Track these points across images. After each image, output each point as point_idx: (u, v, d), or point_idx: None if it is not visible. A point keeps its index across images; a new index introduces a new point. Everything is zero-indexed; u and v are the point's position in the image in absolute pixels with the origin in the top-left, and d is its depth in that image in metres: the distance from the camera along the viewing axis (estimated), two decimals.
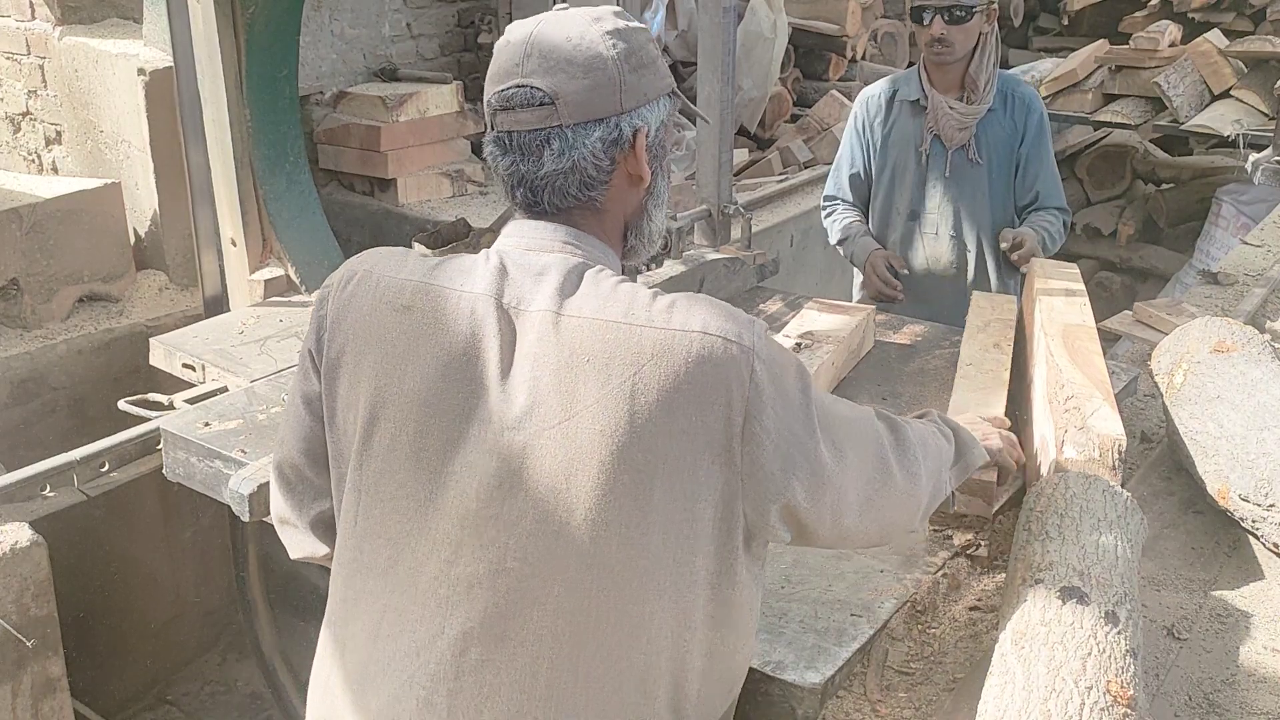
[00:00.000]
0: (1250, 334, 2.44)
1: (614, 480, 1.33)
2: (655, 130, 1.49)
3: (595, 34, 1.44)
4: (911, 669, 1.81)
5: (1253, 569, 2.08)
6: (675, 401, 1.32)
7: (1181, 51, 6.25)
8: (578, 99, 1.41)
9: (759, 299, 3.30)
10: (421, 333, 1.41)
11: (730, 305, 1.40)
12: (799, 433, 1.38)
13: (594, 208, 1.48)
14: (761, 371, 1.35)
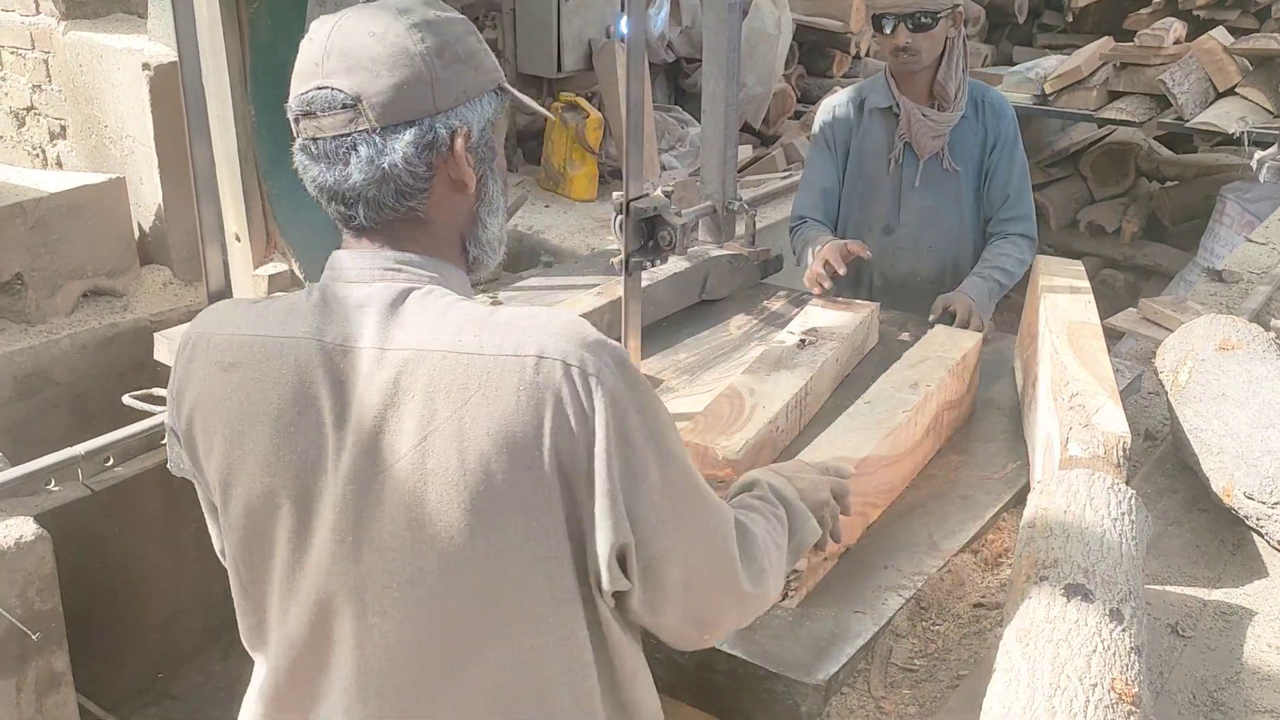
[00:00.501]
0: (1255, 331, 2.43)
1: (454, 523, 1.24)
2: (480, 130, 1.36)
3: (400, 27, 1.30)
4: (915, 666, 1.81)
5: (1257, 567, 2.08)
6: (507, 434, 1.21)
7: (1186, 49, 6.23)
8: (384, 100, 1.28)
9: (762, 295, 3.30)
10: (251, 391, 1.31)
11: (586, 326, 1.28)
12: (635, 474, 1.25)
13: (416, 219, 1.34)
14: (603, 402, 1.22)
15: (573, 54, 5.61)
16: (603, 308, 2.88)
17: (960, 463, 2.37)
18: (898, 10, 3.02)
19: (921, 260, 3.31)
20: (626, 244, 2.39)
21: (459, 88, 1.33)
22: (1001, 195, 3.23)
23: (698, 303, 3.20)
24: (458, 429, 1.22)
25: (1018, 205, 3.24)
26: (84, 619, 2.80)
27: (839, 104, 3.32)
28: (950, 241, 3.29)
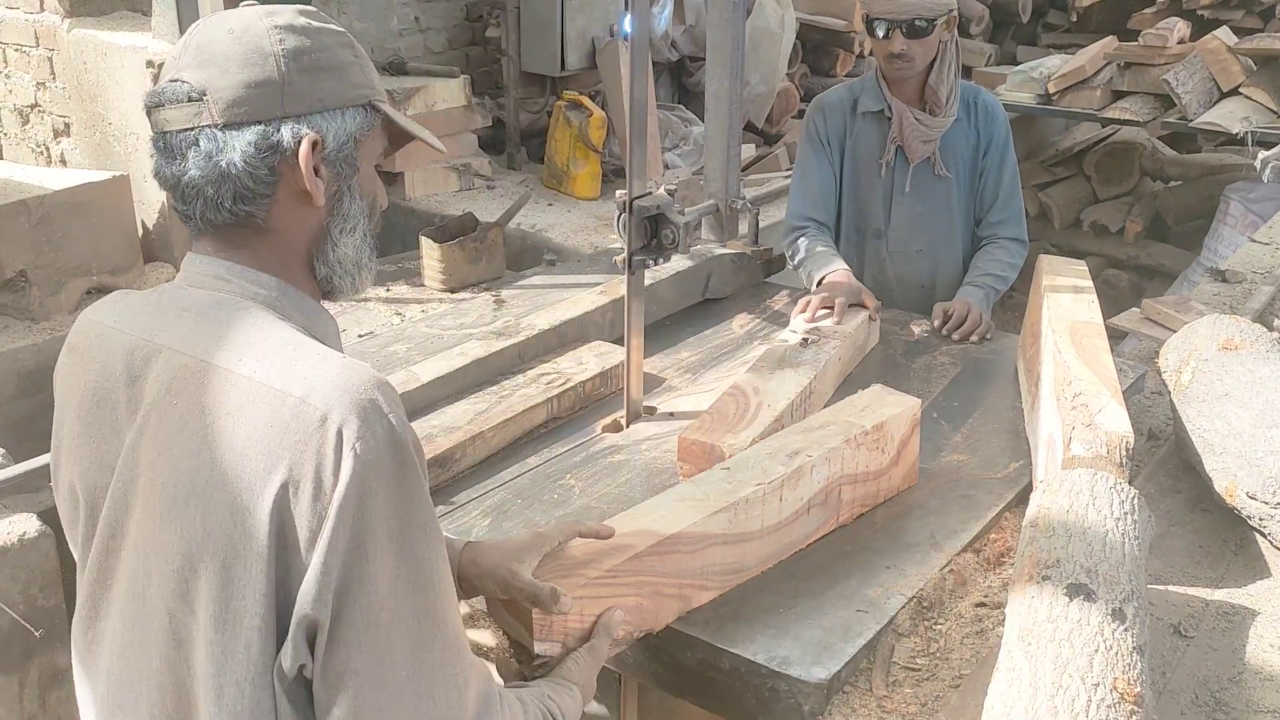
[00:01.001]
0: (1258, 332, 2.43)
1: (174, 548, 1.18)
2: (339, 143, 1.30)
3: (261, 28, 1.27)
4: (918, 665, 1.81)
5: (1260, 567, 2.08)
6: (239, 469, 1.14)
7: (1190, 48, 6.23)
8: (229, 96, 1.24)
9: (765, 294, 3.30)
10: (74, 376, 1.32)
11: (379, 390, 1.17)
12: (361, 571, 1.14)
13: (255, 226, 1.29)
14: (350, 475, 1.12)
15: (576, 52, 5.62)
16: (605, 306, 2.88)
17: (962, 462, 2.37)
18: (892, 16, 2.97)
19: (911, 264, 3.29)
20: (629, 242, 2.39)
21: (315, 95, 1.28)
22: (992, 197, 3.22)
23: (700, 301, 3.20)
24: (197, 448, 1.17)
25: (1006, 207, 3.22)
26: None
27: (831, 103, 3.27)
28: (940, 246, 3.27)
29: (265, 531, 1.13)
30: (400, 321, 3.45)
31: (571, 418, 2.54)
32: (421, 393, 2.43)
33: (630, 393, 2.49)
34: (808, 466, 1.96)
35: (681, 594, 1.79)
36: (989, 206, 3.23)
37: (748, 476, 1.91)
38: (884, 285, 3.29)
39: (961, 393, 2.69)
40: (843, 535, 2.09)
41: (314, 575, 1.13)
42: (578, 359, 2.69)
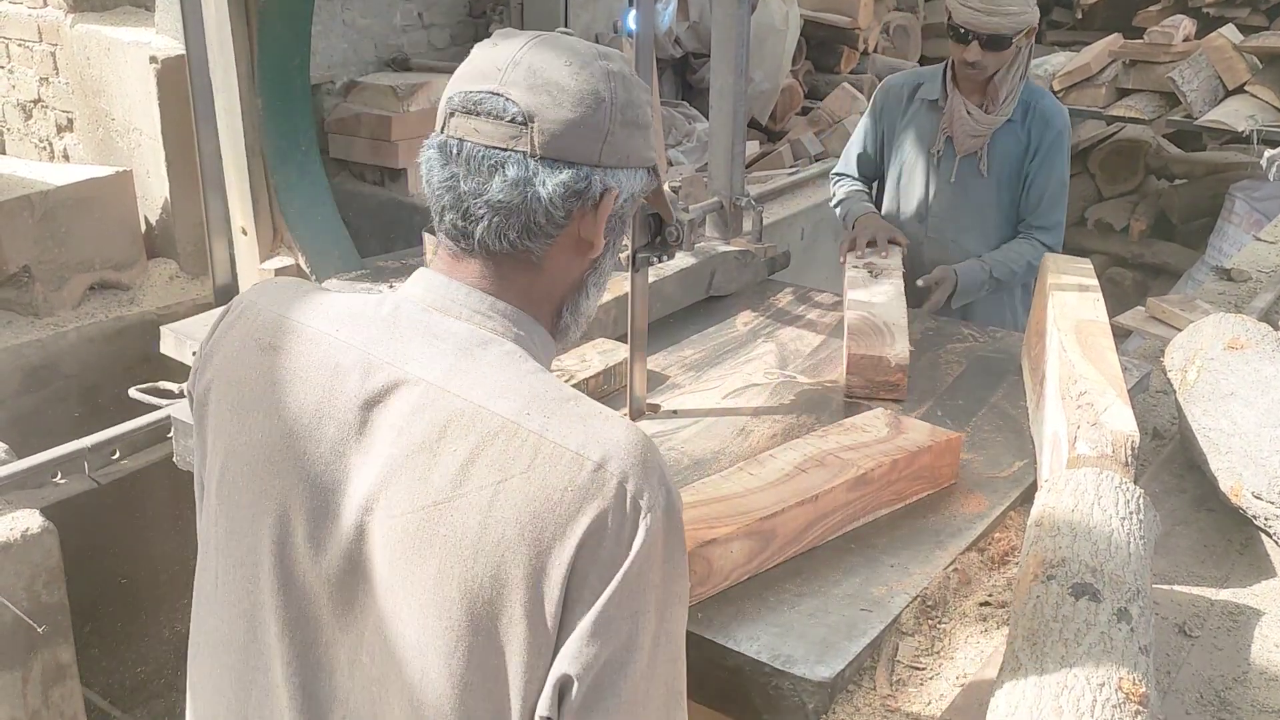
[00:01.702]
0: (1264, 331, 2.43)
1: (451, 600, 1.14)
2: (624, 200, 1.29)
3: (599, 69, 1.24)
4: (922, 664, 1.80)
5: (1265, 567, 2.08)
6: (536, 528, 1.11)
7: (1196, 46, 6.22)
8: (556, 130, 1.21)
9: (769, 292, 3.29)
10: (279, 379, 1.24)
11: (657, 454, 1.17)
12: (629, 637, 1.13)
13: (529, 261, 1.26)
14: (643, 540, 1.11)
15: None
16: (609, 303, 2.88)
17: (968, 461, 2.36)
18: (974, 28, 3.04)
19: (947, 252, 3.36)
20: (633, 240, 2.39)
21: (625, 150, 1.27)
22: (1034, 203, 3.27)
23: (704, 299, 3.19)
24: (488, 503, 1.13)
25: (1048, 214, 3.28)
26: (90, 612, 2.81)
27: (895, 85, 3.42)
28: (977, 241, 3.34)
29: (558, 595, 1.11)
30: None
31: None
32: None
33: (633, 390, 2.48)
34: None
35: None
36: (1030, 211, 3.29)
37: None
38: (918, 268, 3.35)
39: (966, 391, 2.68)
40: (846, 533, 2.08)
41: (582, 636, 1.12)
42: (581, 356, 2.68)
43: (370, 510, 1.18)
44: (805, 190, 5.41)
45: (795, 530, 1.97)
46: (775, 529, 1.93)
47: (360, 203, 5.09)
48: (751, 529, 1.89)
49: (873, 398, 2.60)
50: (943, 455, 2.22)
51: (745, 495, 1.97)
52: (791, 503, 1.95)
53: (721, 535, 1.84)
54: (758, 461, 2.10)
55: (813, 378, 2.74)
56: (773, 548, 1.94)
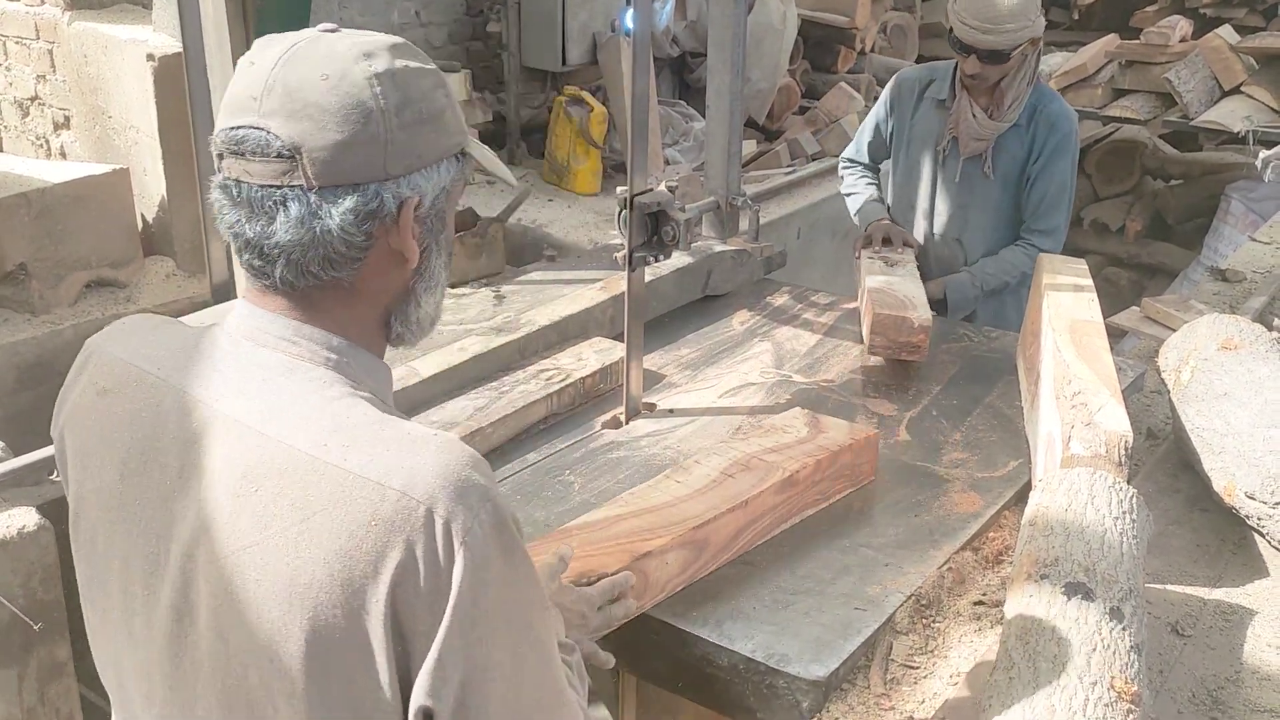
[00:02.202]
0: (1258, 331, 2.43)
1: (274, 644, 1.09)
2: (432, 200, 1.20)
3: (359, 76, 1.13)
4: (916, 663, 1.81)
5: (1258, 566, 2.08)
6: (344, 568, 1.06)
7: (1192, 47, 6.22)
8: (327, 157, 1.12)
9: (766, 291, 3.30)
10: (112, 423, 1.19)
11: (474, 469, 1.10)
12: (485, 660, 1.09)
13: (340, 288, 1.18)
14: (464, 569, 1.06)
15: (577, 47, 5.61)
16: (605, 302, 2.88)
17: (962, 460, 2.37)
18: (976, 45, 3.06)
19: (948, 249, 3.41)
20: (630, 239, 2.39)
21: (416, 152, 1.17)
22: (1034, 205, 3.28)
23: (701, 298, 3.20)
24: (294, 544, 1.07)
25: (1047, 218, 3.28)
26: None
27: (907, 79, 3.45)
28: (980, 240, 3.37)
29: (383, 630, 1.07)
30: None
31: (571, 414, 2.54)
32: (421, 388, 2.43)
33: (630, 389, 2.49)
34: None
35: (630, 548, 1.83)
36: (1030, 213, 3.30)
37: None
38: (922, 264, 3.37)
39: (961, 390, 2.69)
40: (841, 532, 2.09)
41: (430, 667, 1.07)
42: (578, 355, 2.69)
43: (192, 557, 1.13)
44: (802, 190, 5.41)
45: (727, 537, 1.97)
46: (708, 537, 1.93)
47: None
48: (685, 539, 1.88)
49: (896, 358, 2.78)
50: (862, 453, 2.24)
51: (675, 504, 1.96)
52: (723, 509, 1.95)
53: (656, 547, 1.83)
54: (683, 468, 2.10)
55: (809, 377, 2.74)
56: (706, 556, 1.93)
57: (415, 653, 1.08)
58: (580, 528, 1.90)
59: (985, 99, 3.22)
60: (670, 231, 2.43)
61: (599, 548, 1.82)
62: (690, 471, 2.08)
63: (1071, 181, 3.30)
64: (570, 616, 1.58)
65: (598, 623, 1.65)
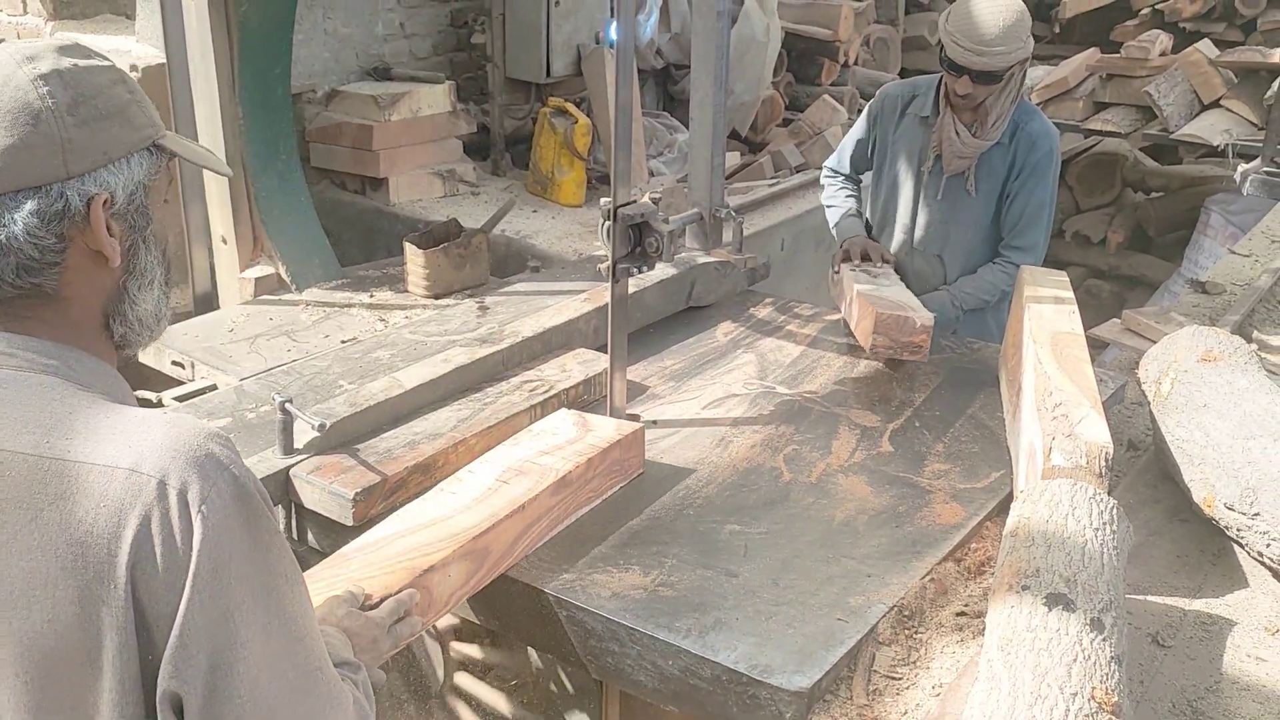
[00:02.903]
0: (1237, 344, 2.45)
1: (22, 659, 1.07)
2: (128, 194, 1.18)
3: (23, 78, 1.12)
4: (898, 674, 1.81)
5: (1237, 577, 2.09)
6: (77, 558, 1.04)
7: (1172, 61, 6.28)
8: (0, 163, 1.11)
9: (749, 302, 3.31)
10: None
11: (211, 442, 1.10)
12: (230, 636, 1.06)
13: (44, 295, 1.16)
14: (202, 538, 1.05)
15: (562, 59, 5.62)
16: (589, 313, 2.89)
17: (944, 471, 2.38)
18: (968, 66, 3.04)
19: (931, 265, 3.39)
20: (614, 250, 2.40)
21: (98, 148, 1.15)
22: (1013, 222, 3.27)
23: (685, 309, 3.20)
24: (25, 546, 1.05)
25: (1024, 235, 3.27)
26: None
27: (891, 95, 3.44)
28: (962, 256, 3.36)
29: (124, 618, 1.05)
30: (384, 328, 3.45)
31: None
32: (405, 399, 2.43)
33: (613, 400, 2.49)
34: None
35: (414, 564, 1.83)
36: (1009, 229, 3.30)
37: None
38: (903, 278, 3.35)
39: (944, 402, 2.70)
40: (825, 543, 2.10)
41: (174, 648, 1.05)
42: (561, 366, 2.69)
43: None
44: (786, 201, 5.43)
45: (507, 543, 1.98)
46: (489, 545, 1.93)
47: (341, 211, 5.08)
48: (466, 549, 1.88)
49: (897, 358, 2.83)
50: (630, 448, 2.30)
51: (453, 516, 1.97)
52: (501, 516, 1.96)
53: (438, 561, 1.82)
54: (456, 479, 2.11)
55: (792, 388, 2.75)
56: (488, 565, 1.94)
57: (157, 635, 1.06)
58: (358, 550, 1.89)
59: (969, 116, 3.22)
60: (654, 243, 2.44)
61: (380, 568, 1.80)
62: (464, 482, 2.10)
63: (1052, 199, 3.30)
64: (361, 642, 1.54)
65: (387, 645, 1.62)
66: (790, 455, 2.42)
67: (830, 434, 2.52)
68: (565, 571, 2.00)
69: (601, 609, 1.89)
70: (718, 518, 2.18)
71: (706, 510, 2.21)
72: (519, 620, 2.03)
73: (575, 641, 1.93)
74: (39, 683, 1.08)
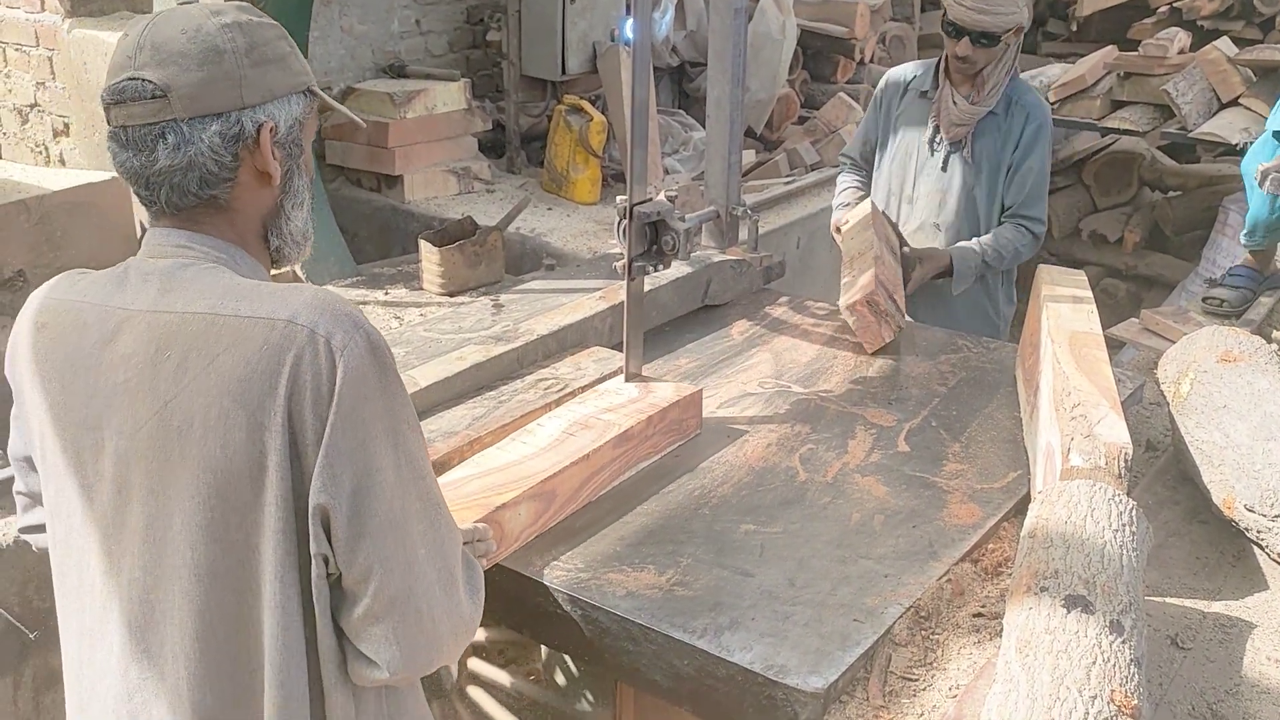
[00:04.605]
0: (1257, 344, 2.43)
1: (198, 481, 1.31)
2: (287, 126, 1.45)
3: (212, 27, 1.39)
4: (915, 675, 1.80)
5: (1257, 579, 2.08)
6: (244, 391, 1.28)
7: (1190, 59, 6.23)
8: (192, 91, 1.37)
9: (765, 301, 3.30)
10: (52, 350, 1.42)
11: (350, 306, 1.35)
12: (367, 465, 1.30)
13: (218, 205, 1.43)
14: (344, 378, 1.28)
15: (577, 56, 5.62)
16: (604, 312, 2.88)
17: (961, 471, 2.37)
18: (966, 24, 3.23)
19: (927, 235, 3.55)
20: (629, 248, 2.39)
21: (266, 86, 1.42)
22: (1018, 194, 3.45)
23: (700, 308, 3.20)
24: (204, 386, 1.30)
25: (1035, 206, 3.47)
26: None
27: (895, 77, 3.64)
28: (960, 225, 3.52)
29: (281, 441, 1.28)
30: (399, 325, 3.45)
31: None
32: (419, 397, 2.43)
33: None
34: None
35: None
36: (1018, 200, 3.47)
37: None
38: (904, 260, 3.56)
39: (960, 402, 2.69)
40: (841, 543, 2.09)
41: (321, 467, 1.28)
42: (576, 365, 2.68)
43: (121, 432, 1.35)
44: (801, 199, 5.41)
45: (572, 488, 2.15)
46: (555, 489, 2.10)
47: (357, 208, 5.09)
48: (535, 491, 2.05)
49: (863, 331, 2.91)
50: (688, 408, 2.45)
51: (523, 462, 2.15)
52: (567, 463, 2.13)
53: (510, 500, 2.00)
54: (527, 431, 2.30)
55: (807, 387, 2.74)
56: (554, 506, 2.11)
57: (307, 461, 1.29)
58: None
59: (967, 86, 3.39)
60: (670, 241, 2.43)
61: (456, 504, 1.92)
62: (534, 434, 2.27)
63: (1048, 169, 3.50)
64: None
65: None
66: (806, 455, 2.41)
67: (846, 433, 2.51)
68: (580, 570, 2.00)
69: (616, 608, 1.89)
70: (733, 517, 2.17)
71: (722, 510, 2.20)
72: (534, 618, 2.03)
73: (590, 640, 1.93)
74: (211, 501, 1.31)
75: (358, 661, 1.37)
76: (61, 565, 1.48)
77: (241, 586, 1.34)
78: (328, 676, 1.37)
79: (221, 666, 1.36)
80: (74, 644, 1.48)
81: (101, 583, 1.41)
